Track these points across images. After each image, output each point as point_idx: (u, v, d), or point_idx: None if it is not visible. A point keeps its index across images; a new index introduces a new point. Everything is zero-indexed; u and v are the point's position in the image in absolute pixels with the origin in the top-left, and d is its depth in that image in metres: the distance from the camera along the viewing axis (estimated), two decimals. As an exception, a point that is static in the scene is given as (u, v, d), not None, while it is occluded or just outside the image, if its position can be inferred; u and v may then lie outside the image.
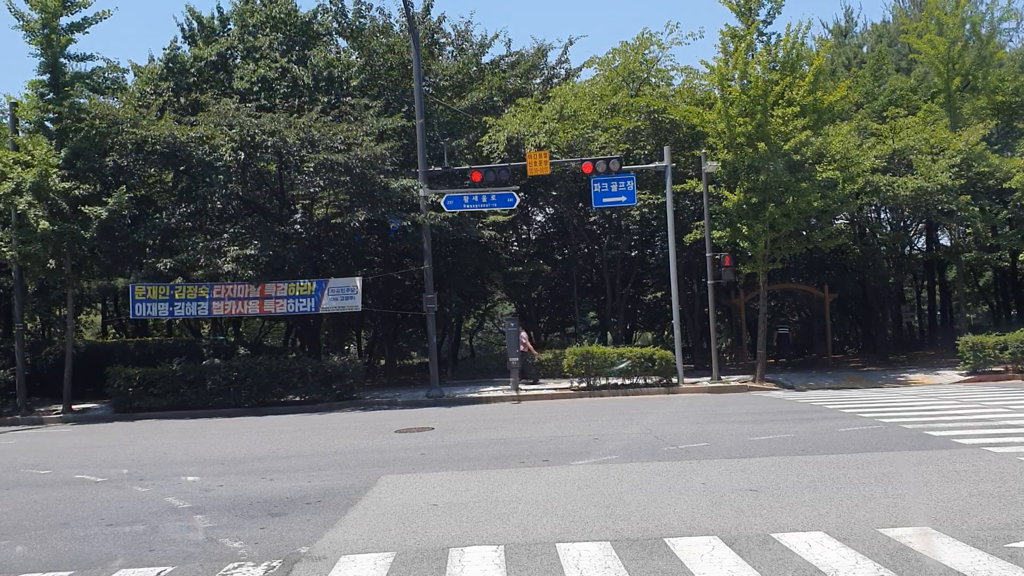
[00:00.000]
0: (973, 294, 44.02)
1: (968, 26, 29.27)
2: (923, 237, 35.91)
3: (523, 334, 25.70)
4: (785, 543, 6.70)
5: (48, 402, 25.01)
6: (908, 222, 32.95)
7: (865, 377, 25.65)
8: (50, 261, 22.56)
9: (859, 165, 24.42)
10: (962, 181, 25.33)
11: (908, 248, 34.87)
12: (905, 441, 11.84)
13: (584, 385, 23.22)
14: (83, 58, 23.58)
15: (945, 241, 34.23)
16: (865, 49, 38.96)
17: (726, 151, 23.67)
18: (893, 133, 27.52)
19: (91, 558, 7.20)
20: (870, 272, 31.81)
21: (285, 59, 26.68)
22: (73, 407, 23.38)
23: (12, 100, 24.45)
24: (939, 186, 24.78)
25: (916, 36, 29.38)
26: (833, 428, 13.61)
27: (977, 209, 25.79)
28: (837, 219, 30.08)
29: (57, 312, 33.38)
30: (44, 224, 21.46)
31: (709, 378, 24.38)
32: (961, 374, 24.55)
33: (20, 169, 21.98)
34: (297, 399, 23.13)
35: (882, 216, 33.18)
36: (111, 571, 6.76)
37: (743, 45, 23.64)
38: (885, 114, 29.34)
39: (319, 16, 29.15)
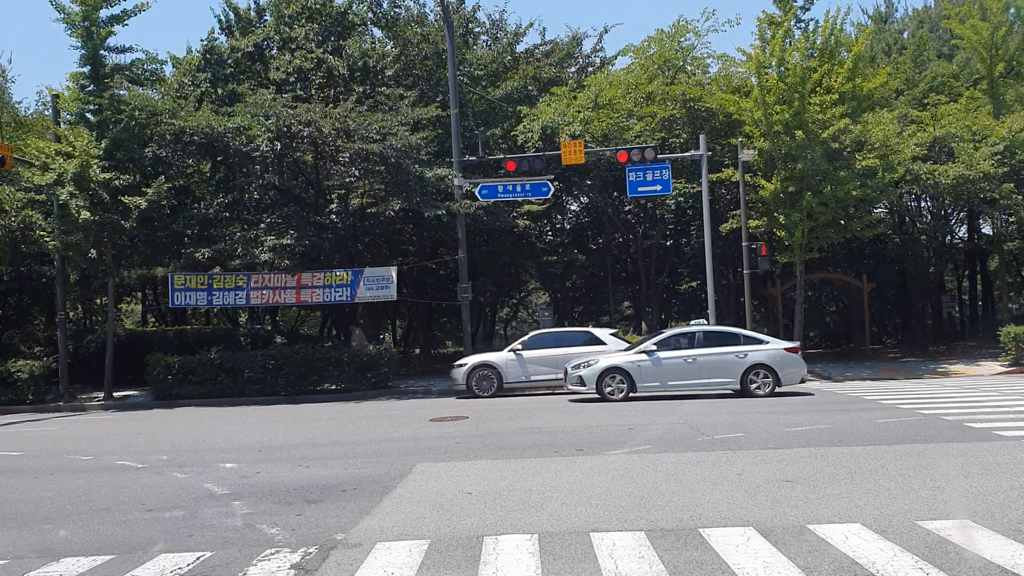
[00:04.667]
0: (1015, 284, 43.23)
1: (1012, 10, 28.73)
2: (964, 226, 35.35)
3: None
4: (821, 535, 6.64)
5: (90, 389, 25.44)
6: (949, 211, 32.44)
7: (904, 368, 25.31)
8: (91, 251, 22.90)
9: (899, 153, 24.06)
10: (1005, 169, 24.87)
11: (949, 237, 34.32)
12: (944, 433, 11.68)
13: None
14: (123, 50, 23.85)
15: (987, 230, 33.67)
16: (906, 35, 38.36)
17: (763, 139, 23.43)
18: (934, 120, 27.08)
19: (132, 543, 7.31)
20: (909, 262, 31.37)
21: (320, 49, 26.79)
22: (114, 394, 23.76)
23: (54, 92, 24.82)
24: (981, 174, 24.35)
25: (958, 21, 28.86)
26: (871, 419, 13.46)
27: (1021, 197, 25.34)
28: (876, 208, 29.70)
29: (98, 301, 33.96)
30: (85, 214, 21.78)
31: (745, 368, 24.14)
32: (1003, 365, 24.14)
33: (62, 160, 22.33)
34: (333, 388, 23.32)
35: (922, 205, 32.71)
36: (151, 556, 6.86)
37: (780, 32, 23.37)
38: (926, 101, 28.87)
39: (354, 6, 29.22)
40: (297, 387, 22.94)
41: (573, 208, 34.17)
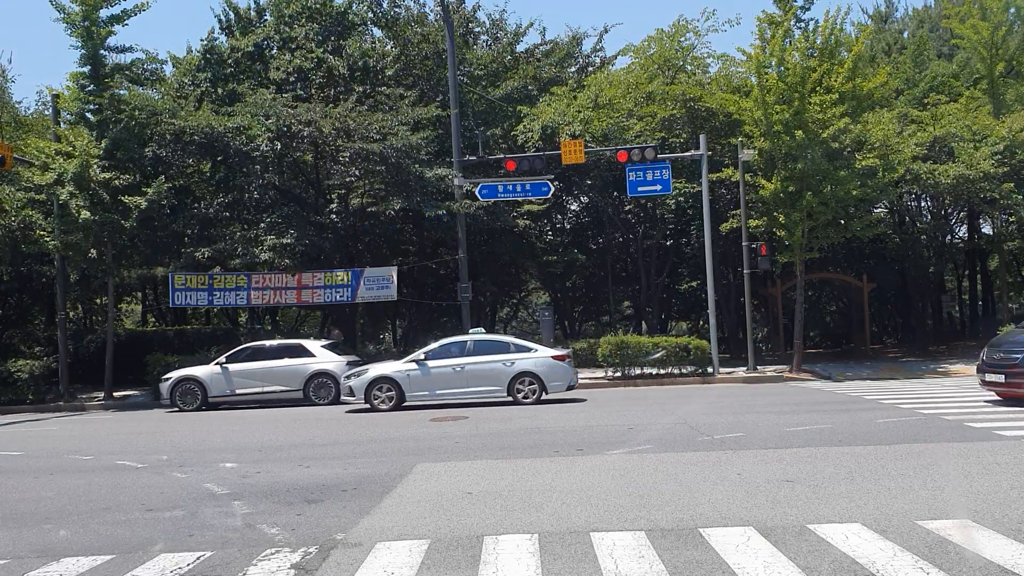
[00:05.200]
0: (1016, 284, 43.22)
1: (1012, 10, 28.73)
2: (964, 226, 35.34)
3: None
4: (821, 534, 6.64)
5: (90, 389, 25.44)
6: (949, 211, 32.41)
7: (904, 368, 25.30)
8: (91, 251, 22.91)
9: (899, 153, 24.05)
10: (1005, 168, 24.86)
11: (949, 237, 34.30)
12: (945, 432, 11.68)
13: (619, 375, 23.15)
14: (123, 50, 23.86)
15: (987, 230, 33.67)
16: (906, 35, 38.37)
17: (763, 139, 23.40)
18: (934, 120, 27.06)
19: (132, 542, 7.32)
20: (910, 261, 31.36)
21: (320, 49, 26.81)
22: (114, 394, 23.76)
23: (54, 92, 24.82)
24: (981, 174, 24.34)
25: (959, 21, 28.86)
26: (871, 419, 13.46)
27: (1021, 197, 25.31)
28: (876, 208, 29.68)
29: (98, 301, 33.95)
30: (85, 214, 21.79)
31: (745, 368, 24.20)
32: (1003, 365, 24.08)
33: (62, 160, 22.33)
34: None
35: (922, 204, 32.69)
36: (151, 555, 6.87)
37: (780, 32, 23.34)
38: (926, 101, 28.85)
39: (354, 6, 29.24)
40: (297, 387, 22.87)
41: (573, 208, 34.17)
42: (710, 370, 23.25)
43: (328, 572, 6.20)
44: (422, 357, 18.40)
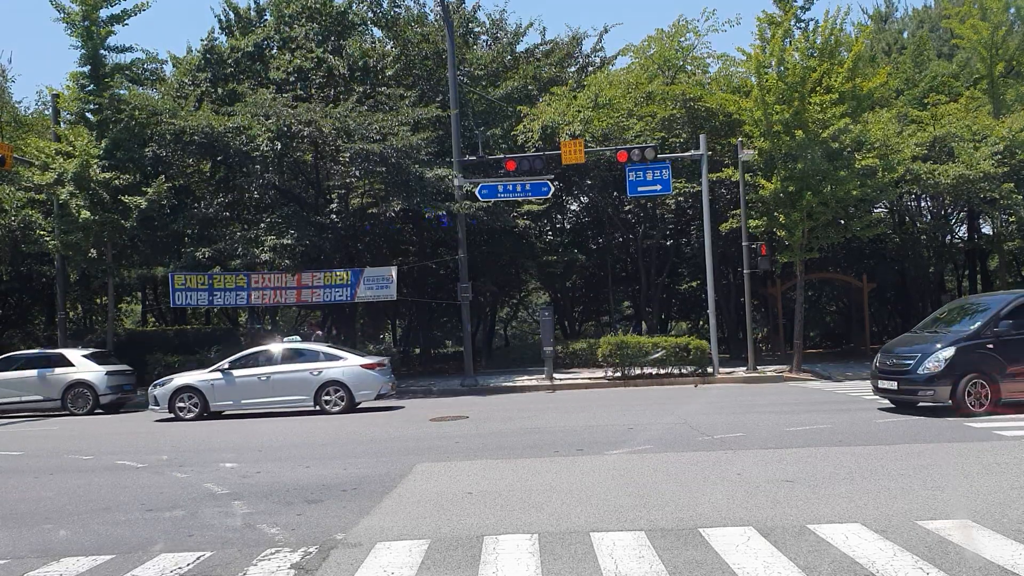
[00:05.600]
0: (1016, 284, 43.16)
1: (1012, 10, 28.73)
2: (964, 226, 35.29)
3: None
4: (821, 534, 6.64)
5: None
6: (949, 211, 32.40)
7: (904, 368, 25.25)
8: (91, 250, 22.94)
9: (899, 153, 24.05)
10: (1005, 169, 24.85)
11: (949, 237, 34.28)
12: (944, 433, 11.68)
13: (619, 374, 23.15)
14: (123, 50, 23.90)
15: (987, 230, 33.62)
16: (906, 35, 38.37)
17: (763, 139, 23.40)
18: (934, 120, 27.06)
19: (132, 542, 7.32)
20: (910, 261, 31.36)
21: (320, 49, 26.80)
22: (114, 394, 23.71)
23: (54, 92, 24.85)
24: (981, 174, 24.33)
25: (959, 21, 28.85)
26: (871, 419, 13.47)
27: (1021, 197, 25.28)
28: (876, 208, 29.67)
29: (98, 301, 33.98)
30: (85, 214, 21.81)
31: (745, 368, 24.20)
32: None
33: (62, 160, 22.36)
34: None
35: (922, 205, 32.68)
36: (151, 555, 6.87)
37: (780, 32, 23.33)
38: (926, 101, 28.85)
39: (354, 6, 29.21)
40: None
41: (573, 208, 34.14)
42: (710, 370, 23.25)
43: (328, 572, 6.20)
44: (226, 366, 18.41)
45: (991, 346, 13.53)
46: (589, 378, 23.55)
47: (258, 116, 23.52)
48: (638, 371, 23.09)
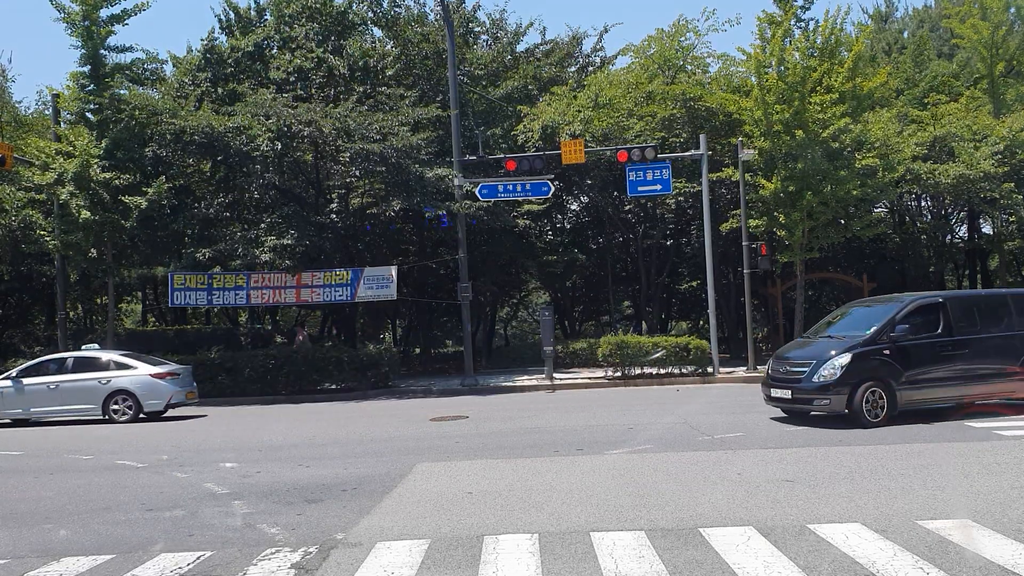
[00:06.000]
0: (1016, 284, 43.18)
1: (1013, 10, 28.73)
2: (964, 226, 35.29)
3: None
4: (821, 534, 6.64)
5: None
6: (949, 210, 32.41)
7: (904, 367, 25.25)
8: (91, 250, 22.92)
9: (899, 153, 24.06)
10: (1005, 168, 24.87)
11: (949, 237, 34.28)
12: (944, 432, 11.68)
13: (619, 374, 23.14)
14: (123, 49, 23.87)
15: (987, 230, 33.63)
16: (906, 35, 38.37)
17: (763, 139, 23.41)
18: (934, 120, 27.07)
19: (132, 542, 7.32)
20: (910, 261, 31.35)
21: (321, 49, 26.78)
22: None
23: (54, 92, 24.83)
24: (981, 174, 24.35)
25: (959, 21, 28.88)
26: (871, 419, 13.44)
27: (1021, 197, 25.31)
28: (876, 207, 29.67)
29: (98, 300, 33.97)
30: (85, 214, 21.79)
31: (745, 368, 24.20)
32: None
33: (62, 160, 22.34)
34: (333, 387, 23.30)
35: (922, 204, 32.68)
36: (151, 555, 6.87)
37: (780, 31, 23.35)
38: (926, 100, 28.86)
39: (354, 6, 29.18)
40: (297, 387, 22.93)
41: (573, 208, 34.14)
42: (710, 370, 23.24)
43: (328, 572, 6.20)
44: (15, 374, 18.48)
45: (888, 352, 12.79)
46: (589, 378, 23.54)
47: (258, 116, 23.50)
48: (638, 371, 23.09)
